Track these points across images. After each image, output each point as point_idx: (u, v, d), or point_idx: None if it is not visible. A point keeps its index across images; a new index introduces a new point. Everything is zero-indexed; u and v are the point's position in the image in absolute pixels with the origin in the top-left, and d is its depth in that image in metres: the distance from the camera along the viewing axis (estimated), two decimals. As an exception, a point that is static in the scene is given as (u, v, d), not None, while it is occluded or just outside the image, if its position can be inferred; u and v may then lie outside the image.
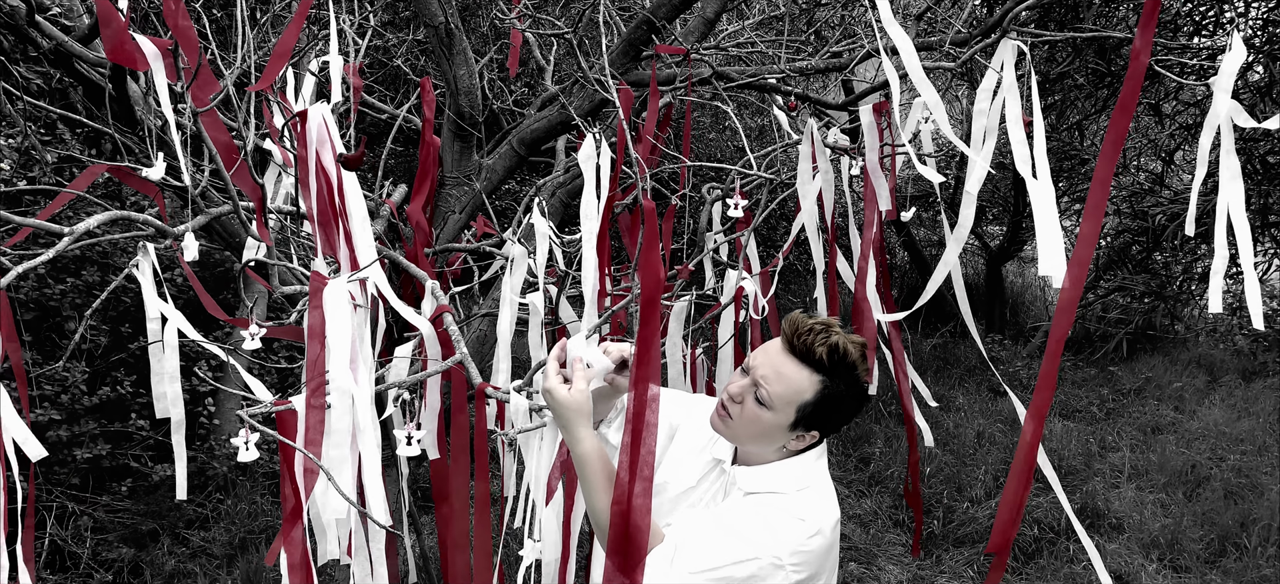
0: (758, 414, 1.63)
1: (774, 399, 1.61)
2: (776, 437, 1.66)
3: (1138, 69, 1.94)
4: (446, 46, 3.37)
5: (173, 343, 2.49)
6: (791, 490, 1.67)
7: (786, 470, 1.69)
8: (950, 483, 5.02)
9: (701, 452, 1.83)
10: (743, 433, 1.68)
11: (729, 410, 1.67)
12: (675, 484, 1.81)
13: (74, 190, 2.71)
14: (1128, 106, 1.98)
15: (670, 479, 1.82)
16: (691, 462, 1.83)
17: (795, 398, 1.60)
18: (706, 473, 1.81)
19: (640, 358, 1.39)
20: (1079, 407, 6.40)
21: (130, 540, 3.99)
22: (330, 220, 2.37)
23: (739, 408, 1.65)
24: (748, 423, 1.65)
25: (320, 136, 2.39)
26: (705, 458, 1.82)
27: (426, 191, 2.83)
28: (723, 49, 3.86)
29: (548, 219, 2.55)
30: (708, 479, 1.80)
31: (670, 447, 1.83)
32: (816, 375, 1.59)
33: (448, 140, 3.58)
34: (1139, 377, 6.84)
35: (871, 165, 2.69)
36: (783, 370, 1.60)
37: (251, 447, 1.62)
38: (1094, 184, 1.75)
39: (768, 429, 1.64)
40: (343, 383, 1.73)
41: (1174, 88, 4.14)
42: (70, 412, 4.17)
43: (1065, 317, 1.73)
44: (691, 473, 1.82)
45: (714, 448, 1.82)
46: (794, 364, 1.59)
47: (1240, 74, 2.92)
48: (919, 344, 7.34)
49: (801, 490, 1.68)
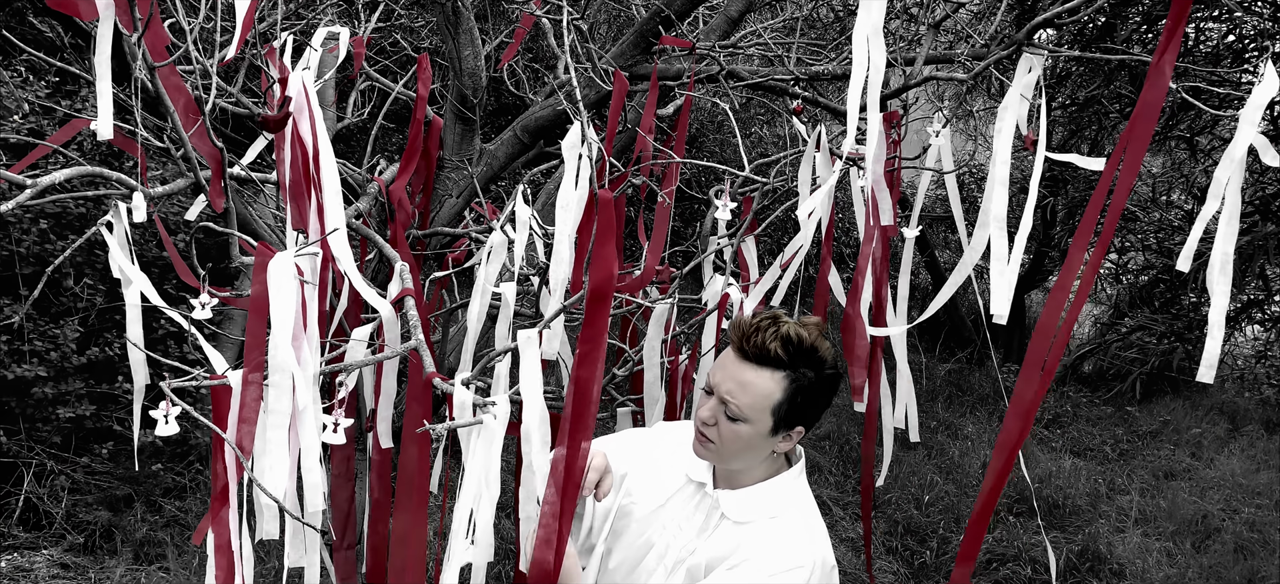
0: (735, 431, 1.58)
1: (745, 410, 1.55)
2: (762, 445, 1.61)
3: (1156, 93, 1.81)
4: (452, 25, 3.27)
5: (136, 306, 2.42)
6: (780, 511, 1.64)
7: (772, 492, 1.66)
8: (949, 513, 4.87)
9: (672, 471, 1.76)
10: (728, 453, 1.62)
11: (708, 436, 1.62)
12: (643, 504, 1.74)
13: (51, 144, 2.65)
14: (1143, 133, 1.85)
15: (637, 500, 1.75)
16: (661, 480, 1.75)
17: (766, 403, 1.55)
18: (678, 491, 1.73)
19: (583, 357, 1.29)
20: (1091, 445, 6.22)
21: (107, 504, 3.94)
22: (303, 192, 2.29)
23: (716, 430, 1.60)
24: (729, 442, 1.60)
25: (299, 104, 2.31)
26: (676, 476, 1.75)
27: (412, 170, 2.74)
28: (740, 49, 3.75)
29: (533, 207, 2.45)
30: (683, 498, 1.73)
31: (625, 482, 1.77)
32: (779, 372, 1.54)
33: (449, 122, 3.49)
34: (1156, 419, 6.65)
35: (875, 176, 2.56)
36: (744, 380, 1.55)
37: (171, 420, 1.53)
38: (1089, 208, 1.63)
39: (751, 441, 1.59)
40: (282, 360, 1.64)
41: (1210, 120, 3.98)
42: (58, 369, 4.12)
43: (1042, 340, 1.62)
44: (661, 491, 1.74)
45: (689, 468, 1.75)
46: (753, 370, 1.54)
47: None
48: (934, 369, 7.19)
49: (790, 509, 1.65)
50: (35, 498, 3.81)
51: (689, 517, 1.71)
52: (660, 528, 1.72)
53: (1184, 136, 4.19)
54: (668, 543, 1.70)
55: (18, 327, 4.18)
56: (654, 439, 1.82)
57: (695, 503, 1.72)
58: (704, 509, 1.70)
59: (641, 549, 1.72)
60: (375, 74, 3.74)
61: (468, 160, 3.47)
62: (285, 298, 1.66)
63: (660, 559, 1.69)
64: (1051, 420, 6.61)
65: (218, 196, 1.95)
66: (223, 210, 2.01)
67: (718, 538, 1.66)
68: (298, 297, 1.68)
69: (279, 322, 1.64)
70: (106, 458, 4.04)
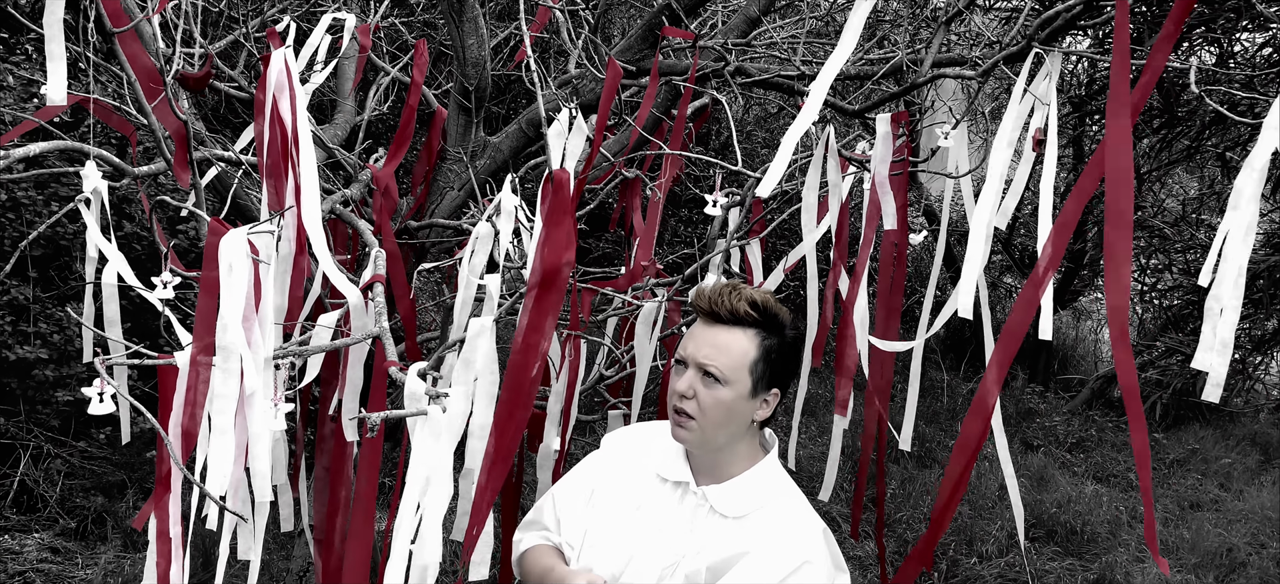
0: (717, 396, 1.57)
1: (726, 371, 1.57)
2: (742, 410, 1.60)
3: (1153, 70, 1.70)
4: (456, 12, 3.19)
5: (112, 285, 2.37)
6: (770, 498, 1.63)
7: (759, 480, 1.64)
8: (961, 535, 4.72)
9: (641, 474, 1.69)
10: (710, 424, 1.59)
11: (687, 411, 1.59)
12: (617, 513, 1.67)
13: (37, 119, 2.61)
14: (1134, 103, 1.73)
15: (610, 511, 1.68)
16: (631, 486, 1.69)
17: (744, 360, 1.57)
18: (653, 493, 1.67)
19: (523, 344, 1.20)
20: (1115, 471, 6.02)
21: (101, 489, 3.91)
22: (281, 172, 2.22)
23: (695, 402, 1.58)
24: (711, 410, 1.58)
25: (279, 82, 2.25)
26: (647, 479, 1.68)
27: (401, 156, 2.67)
28: (752, 46, 3.65)
29: (519, 198, 2.37)
30: (661, 499, 1.66)
31: (594, 501, 1.71)
32: (752, 331, 1.58)
33: (453, 113, 3.42)
34: (1184, 447, 6.42)
35: (879, 179, 2.45)
36: (720, 342, 1.57)
37: (106, 398, 1.46)
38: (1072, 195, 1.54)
39: (732, 407, 1.58)
40: (231, 341, 1.56)
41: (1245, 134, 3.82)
42: (61, 352, 4.11)
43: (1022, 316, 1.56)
44: (633, 496, 1.67)
45: (662, 468, 1.68)
46: (726, 331, 1.57)
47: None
48: (956, 387, 7.01)
49: (780, 494, 1.64)
50: (30, 480, 3.78)
51: (671, 518, 1.64)
52: (642, 533, 1.64)
53: (1217, 154, 4.03)
54: (653, 548, 1.62)
55: (25, 307, 4.17)
56: (611, 449, 1.77)
57: (676, 502, 1.65)
58: (689, 507, 1.64)
59: (623, 560, 1.64)
60: (380, 62, 3.68)
61: (470, 153, 3.40)
62: (237, 276, 1.58)
63: (649, 566, 1.61)
64: (1075, 444, 6.41)
65: (183, 171, 1.88)
66: (190, 186, 1.95)
67: (714, 537, 1.60)
68: (250, 275, 1.61)
69: (229, 301, 1.57)
70: (103, 443, 4.01)
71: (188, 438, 1.60)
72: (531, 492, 2.67)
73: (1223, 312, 1.76)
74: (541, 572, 1.64)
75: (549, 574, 1.63)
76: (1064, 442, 6.42)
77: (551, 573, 1.62)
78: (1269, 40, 3.66)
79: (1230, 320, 1.73)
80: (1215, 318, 1.75)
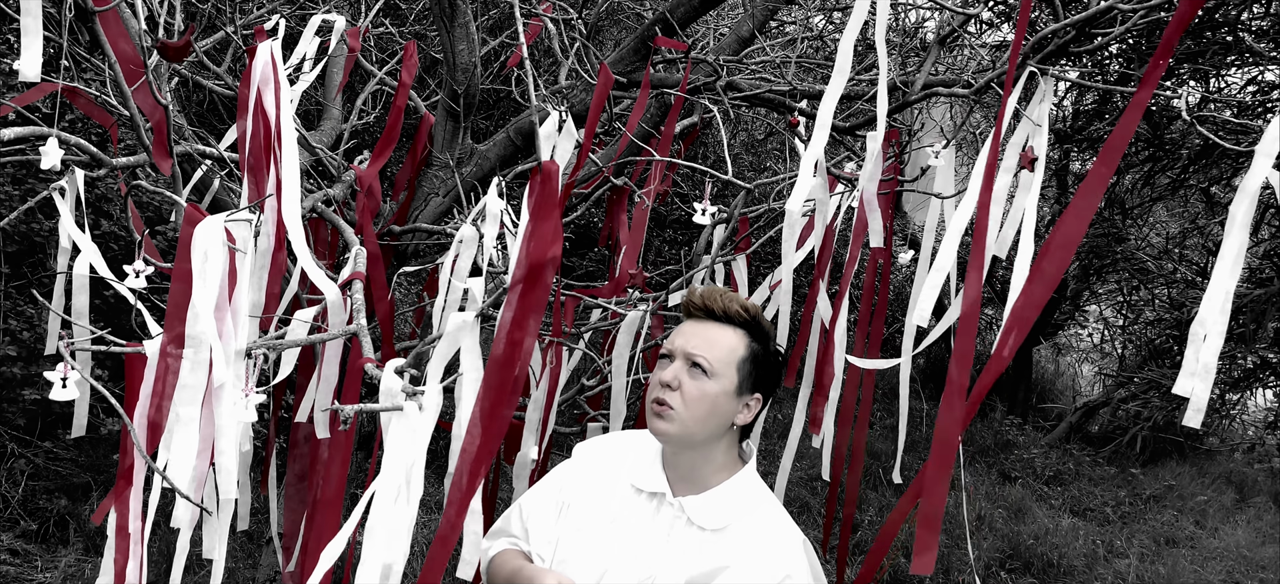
0: (702, 388, 1.54)
1: (715, 364, 1.54)
2: (727, 408, 1.56)
3: (1140, 100, 1.69)
4: (448, 17, 3.16)
5: (83, 277, 2.31)
6: (750, 509, 1.58)
7: (738, 490, 1.59)
8: (938, 563, 4.68)
9: (615, 484, 1.64)
10: (692, 417, 1.54)
11: (669, 402, 1.54)
12: (590, 525, 1.62)
13: (13, 105, 2.55)
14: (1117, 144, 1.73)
15: (582, 522, 1.63)
16: (604, 496, 1.63)
17: (732, 356, 1.56)
18: (627, 503, 1.62)
19: (505, 339, 1.16)
20: (1092, 505, 6.02)
21: (65, 491, 3.81)
22: (262, 166, 2.17)
23: (679, 394, 1.54)
24: (695, 403, 1.54)
25: (265, 75, 2.21)
26: (622, 489, 1.63)
27: (387, 157, 2.63)
28: (744, 62, 3.64)
29: (505, 203, 2.33)
30: (635, 510, 1.61)
31: (566, 513, 1.66)
32: (742, 330, 1.58)
33: (441, 118, 3.38)
34: (1160, 483, 6.44)
35: (867, 196, 2.43)
36: (711, 336, 1.56)
37: (69, 383, 1.41)
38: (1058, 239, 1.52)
39: (717, 402, 1.54)
40: (201, 331, 1.51)
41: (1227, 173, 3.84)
42: (31, 350, 4.01)
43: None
44: (607, 507, 1.62)
45: (637, 479, 1.63)
46: (718, 327, 1.57)
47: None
48: (934, 415, 7.01)
49: (759, 504, 1.60)
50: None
51: (647, 529, 1.59)
52: (616, 546, 1.58)
53: (1201, 189, 4.05)
54: (628, 561, 1.57)
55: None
56: (583, 459, 1.71)
57: (652, 513, 1.60)
58: (665, 519, 1.59)
59: (597, 573, 1.59)
60: (369, 65, 3.64)
61: (456, 159, 3.36)
62: (211, 265, 1.54)
63: (623, 580, 1.56)
64: (1052, 477, 6.41)
65: (163, 157, 1.83)
66: (170, 174, 1.90)
67: (691, 550, 1.56)
68: (225, 266, 1.56)
69: (202, 289, 1.52)
70: (70, 443, 3.92)
71: (154, 430, 1.54)
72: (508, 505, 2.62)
73: (1207, 337, 1.75)
74: (510, 573, 1.59)
75: (518, 575, 1.57)
76: (1042, 474, 6.42)
77: (520, 573, 1.57)
78: (1252, 79, 3.69)
79: (1214, 346, 1.72)
80: (1199, 343, 1.73)
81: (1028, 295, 1.86)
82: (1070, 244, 1.79)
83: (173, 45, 1.61)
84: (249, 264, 1.61)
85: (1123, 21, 2.48)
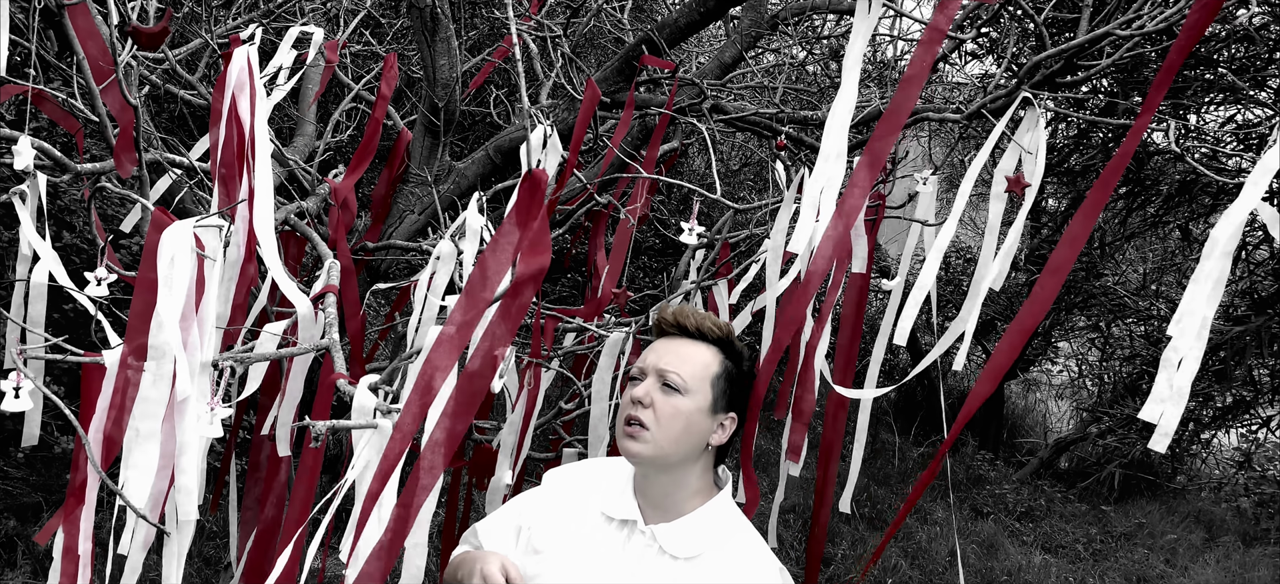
0: (675, 406, 1.49)
1: (687, 381, 1.50)
2: (700, 426, 1.51)
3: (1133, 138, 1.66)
4: (429, 31, 3.10)
5: (42, 286, 2.21)
6: (725, 538, 1.52)
7: (712, 518, 1.53)
8: (914, 599, 4.63)
9: (583, 512, 1.58)
10: (665, 436, 1.48)
11: (641, 420, 1.49)
12: (554, 551, 1.55)
13: (-26, 104, 2.46)
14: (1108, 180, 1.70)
15: (546, 549, 1.56)
16: (571, 523, 1.57)
17: (705, 372, 1.52)
18: (595, 531, 1.55)
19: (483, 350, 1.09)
20: (1064, 542, 6.00)
21: (14, 511, 3.66)
22: (234, 174, 2.09)
23: (651, 411, 1.49)
24: (668, 421, 1.49)
25: (240, 81, 2.13)
26: (590, 517, 1.57)
27: (363, 170, 2.56)
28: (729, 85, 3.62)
29: (486, 218, 2.26)
30: (603, 539, 1.54)
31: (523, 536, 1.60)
32: (715, 348, 1.55)
33: (418, 134, 3.31)
34: (1131, 521, 6.44)
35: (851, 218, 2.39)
36: (684, 353, 1.52)
37: (22, 394, 1.32)
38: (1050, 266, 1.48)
39: (691, 420, 1.50)
40: (165, 342, 1.43)
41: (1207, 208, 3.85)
42: (-18, 362, 3.87)
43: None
44: (573, 534, 1.56)
45: (606, 506, 1.57)
46: (691, 343, 1.54)
47: None
48: (907, 451, 6.98)
49: (735, 533, 1.53)
50: (-63, 497, 3.53)
51: (617, 559, 1.52)
52: (584, 576, 1.51)
53: (1179, 225, 4.06)
54: None
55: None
56: (552, 486, 1.65)
57: (622, 542, 1.54)
58: (636, 549, 1.52)
59: None
60: (346, 79, 3.57)
61: (434, 176, 3.29)
62: (177, 272, 1.46)
63: None
64: (1024, 513, 6.40)
65: (126, 159, 1.75)
66: (135, 176, 1.82)
67: (663, 580, 1.49)
68: (192, 274, 1.48)
69: (167, 297, 1.44)
70: (21, 462, 3.77)
71: (110, 445, 1.45)
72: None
73: (1182, 363, 1.71)
74: (457, 561, 1.51)
75: (465, 558, 1.50)
76: (1013, 510, 6.40)
77: (465, 557, 1.50)
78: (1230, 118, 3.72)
79: (1189, 371, 1.68)
80: (1172, 368, 1.69)
81: (1020, 321, 1.82)
82: (1062, 269, 1.76)
83: (146, 31, 1.54)
84: (218, 272, 1.53)
85: (1110, 52, 2.47)
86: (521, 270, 1.12)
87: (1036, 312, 1.78)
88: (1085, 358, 7.12)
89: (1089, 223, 1.66)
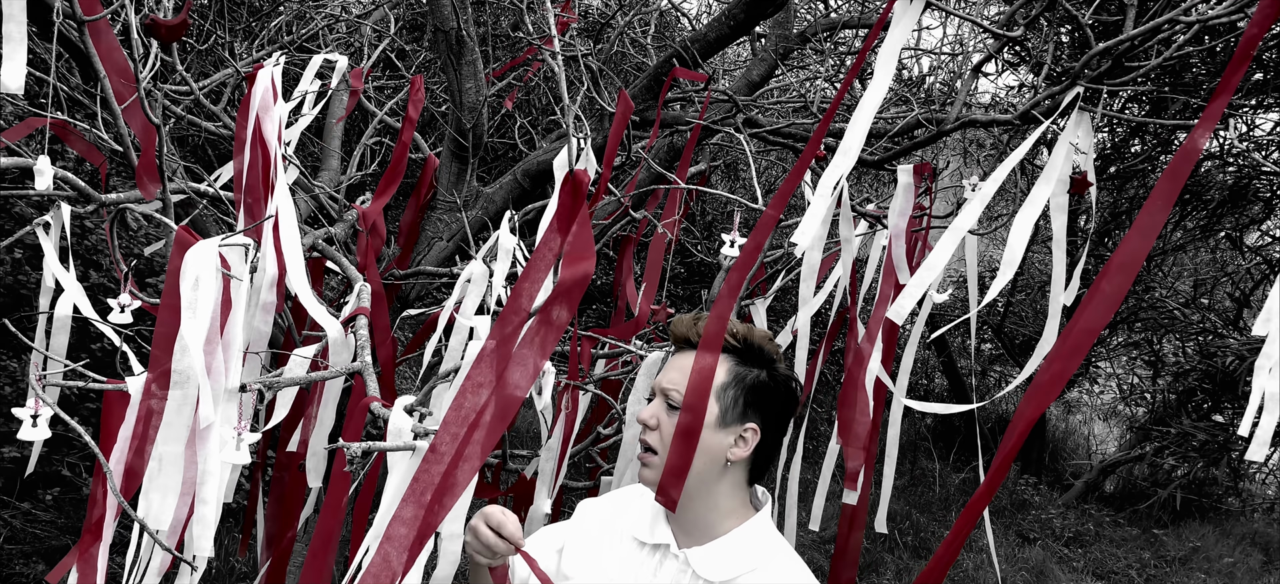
0: None
1: None
2: (711, 444, 1.42)
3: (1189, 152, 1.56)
4: (455, 55, 3.06)
5: (65, 318, 2.16)
6: (763, 561, 1.42)
7: (748, 540, 1.45)
8: (965, 629, 4.47)
9: (616, 537, 1.51)
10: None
11: (651, 445, 1.44)
12: (587, 575, 1.49)
13: (4, 140, 2.42)
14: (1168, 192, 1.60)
15: (579, 572, 1.50)
16: (604, 548, 1.50)
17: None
18: (629, 557, 1.48)
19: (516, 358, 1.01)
20: (1116, 568, 5.80)
21: (42, 555, 3.60)
22: (260, 198, 2.04)
23: (657, 433, 1.44)
24: None
25: (264, 102, 2.08)
26: (623, 543, 1.50)
27: (391, 194, 2.50)
28: (757, 103, 3.54)
29: (517, 238, 2.19)
30: (637, 565, 1.47)
31: (564, 555, 1.55)
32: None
33: (446, 159, 3.26)
34: (1186, 545, 6.22)
35: (896, 231, 2.30)
36: (686, 367, 1.42)
37: (40, 422, 1.25)
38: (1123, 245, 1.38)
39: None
40: (189, 367, 1.36)
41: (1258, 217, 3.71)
42: (11, 405, 3.84)
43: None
44: (606, 560, 1.49)
45: (639, 532, 1.50)
46: (691, 358, 1.43)
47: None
48: (947, 477, 6.81)
49: (774, 556, 1.44)
50: (-34, 541, 3.48)
51: None
52: None
53: (1231, 235, 3.92)
54: None
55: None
56: (583, 513, 1.59)
57: (655, 567, 1.46)
58: (669, 573, 1.45)
59: None
60: (371, 106, 3.52)
61: (464, 202, 3.23)
62: (202, 294, 1.38)
63: None
64: (1072, 539, 6.20)
65: (150, 182, 1.69)
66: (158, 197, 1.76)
67: None
68: (218, 296, 1.41)
69: (191, 320, 1.37)
70: (50, 504, 3.72)
71: (131, 477, 1.38)
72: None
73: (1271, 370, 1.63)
74: None
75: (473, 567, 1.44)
76: (1061, 535, 6.21)
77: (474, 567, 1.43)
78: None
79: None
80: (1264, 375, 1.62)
81: (1088, 320, 1.70)
82: (1134, 264, 1.65)
83: (165, 24, 1.48)
84: (244, 293, 1.46)
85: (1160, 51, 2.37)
86: (564, 276, 1.04)
87: (1104, 310, 1.67)
88: (1129, 377, 6.93)
89: (1164, 212, 1.55)
